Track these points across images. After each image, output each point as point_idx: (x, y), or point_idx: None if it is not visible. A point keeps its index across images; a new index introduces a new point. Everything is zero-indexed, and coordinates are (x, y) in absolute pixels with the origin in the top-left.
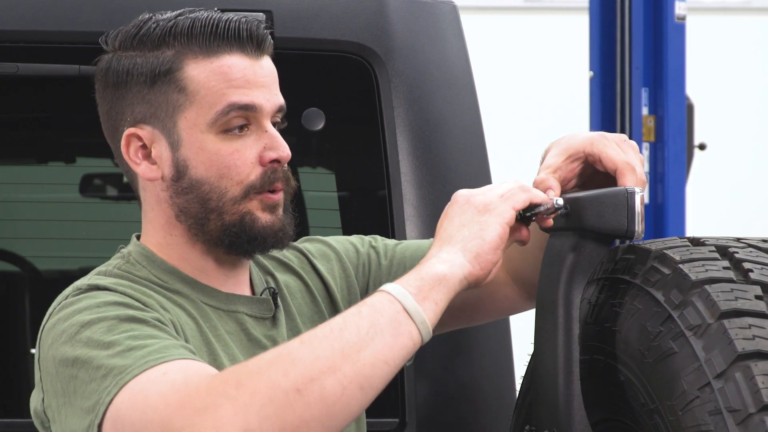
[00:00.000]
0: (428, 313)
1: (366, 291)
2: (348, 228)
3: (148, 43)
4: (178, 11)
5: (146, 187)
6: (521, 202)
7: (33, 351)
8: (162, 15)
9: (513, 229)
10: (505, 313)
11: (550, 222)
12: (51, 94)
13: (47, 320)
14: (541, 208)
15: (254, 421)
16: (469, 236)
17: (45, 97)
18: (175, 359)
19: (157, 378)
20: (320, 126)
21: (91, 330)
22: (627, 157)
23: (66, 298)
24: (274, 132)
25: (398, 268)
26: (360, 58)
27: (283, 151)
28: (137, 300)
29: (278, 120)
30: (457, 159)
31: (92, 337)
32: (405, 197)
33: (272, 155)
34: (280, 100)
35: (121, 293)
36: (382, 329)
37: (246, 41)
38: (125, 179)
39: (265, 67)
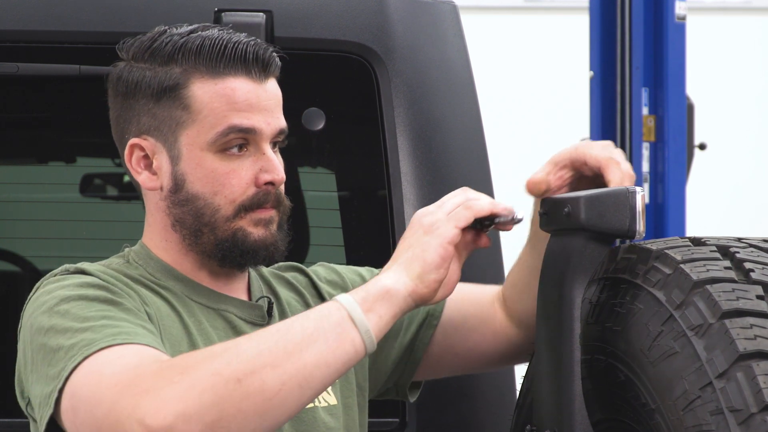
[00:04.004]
0: (372, 323)
1: None
2: (348, 228)
3: (158, 57)
4: (193, 27)
5: (147, 194)
6: (464, 220)
7: None
8: (177, 29)
9: (470, 239)
10: (509, 358)
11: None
12: (51, 94)
13: (32, 293)
14: (500, 219)
15: (193, 405)
16: (412, 257)
17: (45, 97)
18: (134, 344)
19: (113, 360)
20: (320, 126)
21: (69, 304)
22: (610, 154)
23: (53, 276)
24: (272, 155)
25: None
26: (360, 58)
27: (278, 174)
28: (118, 288)
29: (279, 140)
30: (457, 159)
31: (69, 310)
32: (405, 197)
33: (267, 177)
34: (280, 123)
35: (104, 280)
36: (326, 332)
37: (251, 64)
38: (126, 179)
39: (269, 91)
